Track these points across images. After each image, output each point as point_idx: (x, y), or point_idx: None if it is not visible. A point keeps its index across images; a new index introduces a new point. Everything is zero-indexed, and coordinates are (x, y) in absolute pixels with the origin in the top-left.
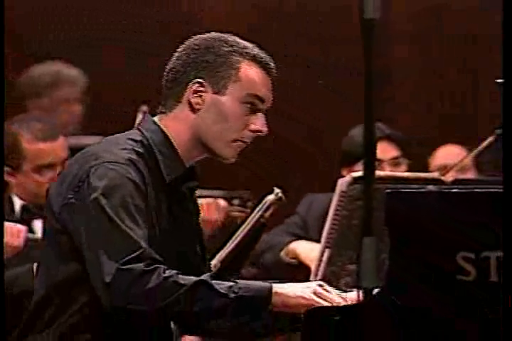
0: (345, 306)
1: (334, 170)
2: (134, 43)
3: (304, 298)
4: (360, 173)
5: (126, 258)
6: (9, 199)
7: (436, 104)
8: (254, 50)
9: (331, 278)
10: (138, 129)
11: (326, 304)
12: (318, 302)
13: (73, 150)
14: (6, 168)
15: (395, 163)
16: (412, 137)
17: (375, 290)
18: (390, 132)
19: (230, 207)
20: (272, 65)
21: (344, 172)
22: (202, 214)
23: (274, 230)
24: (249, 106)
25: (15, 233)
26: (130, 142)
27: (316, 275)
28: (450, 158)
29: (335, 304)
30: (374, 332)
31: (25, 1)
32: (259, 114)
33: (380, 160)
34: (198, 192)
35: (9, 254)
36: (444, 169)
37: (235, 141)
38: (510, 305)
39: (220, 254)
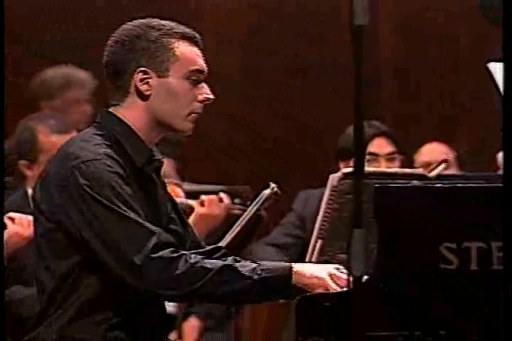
0: (336, 293)
1: (334, 168)
2: None
3: (318, 278)
4: (350, 169)
5: (150, 244)
6: (25, 193)
7: (436, 104)
8: (180, 28)
9: None
10: (98, 123)
11: (335, 287)
12: (329, 285)
13: None
14: (23, 162)
15: (390, 158)
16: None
17: (364, 278)
18: (387, 129)
19: (231, 204)
20: (198, 36)
21: (341, 166)
22: (204, 210)
23: (272, 233)
24: (191, 80)
25: (25, 223)
26: (98, 137)
27: None
28: (434, 155)
29: (345, 288)
30: (363, 317)
31: (25, 1)
32: (202, 85)
33: (377, 155)
34: (199, 188)
35: (20, 245)
36: (428, 165)
37: (189, 114)
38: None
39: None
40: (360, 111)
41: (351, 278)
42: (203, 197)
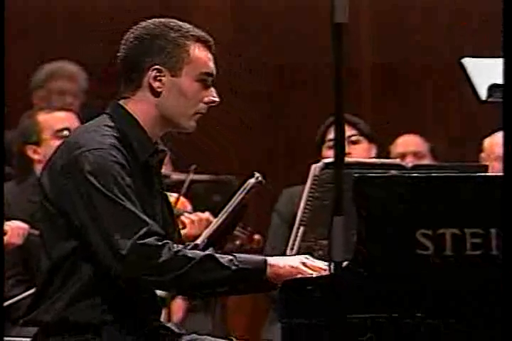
0: (318, 277)
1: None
2: None
3: (292, 266)
4: (331, 159)
5: (139, 233)
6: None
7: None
8: (196, 31)
9: (305, 252)
10: (108, 115)
11: (310, 272)
12: (304, 271)
13: None
14: (29, 146)
15: (352, 140)
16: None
17: (345, 263)
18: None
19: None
20: (212, 41)
21: (324, 154)
22: (194, 231)
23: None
24: (201, 82)
25: (15, 232)
26: (106, 128)
27: (292, 249)
28: (409, 146)
29: (320, 272)
30: (344, 301)
31: (25, 0)
32: (210, 87)
33: None
34: (187, 177)
35: (9, 249)
36: (404, 156)
37: (195, 114)
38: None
39: (206, 231)
40: (341, 105)
41: (332, 263)
42: (193, 216)
